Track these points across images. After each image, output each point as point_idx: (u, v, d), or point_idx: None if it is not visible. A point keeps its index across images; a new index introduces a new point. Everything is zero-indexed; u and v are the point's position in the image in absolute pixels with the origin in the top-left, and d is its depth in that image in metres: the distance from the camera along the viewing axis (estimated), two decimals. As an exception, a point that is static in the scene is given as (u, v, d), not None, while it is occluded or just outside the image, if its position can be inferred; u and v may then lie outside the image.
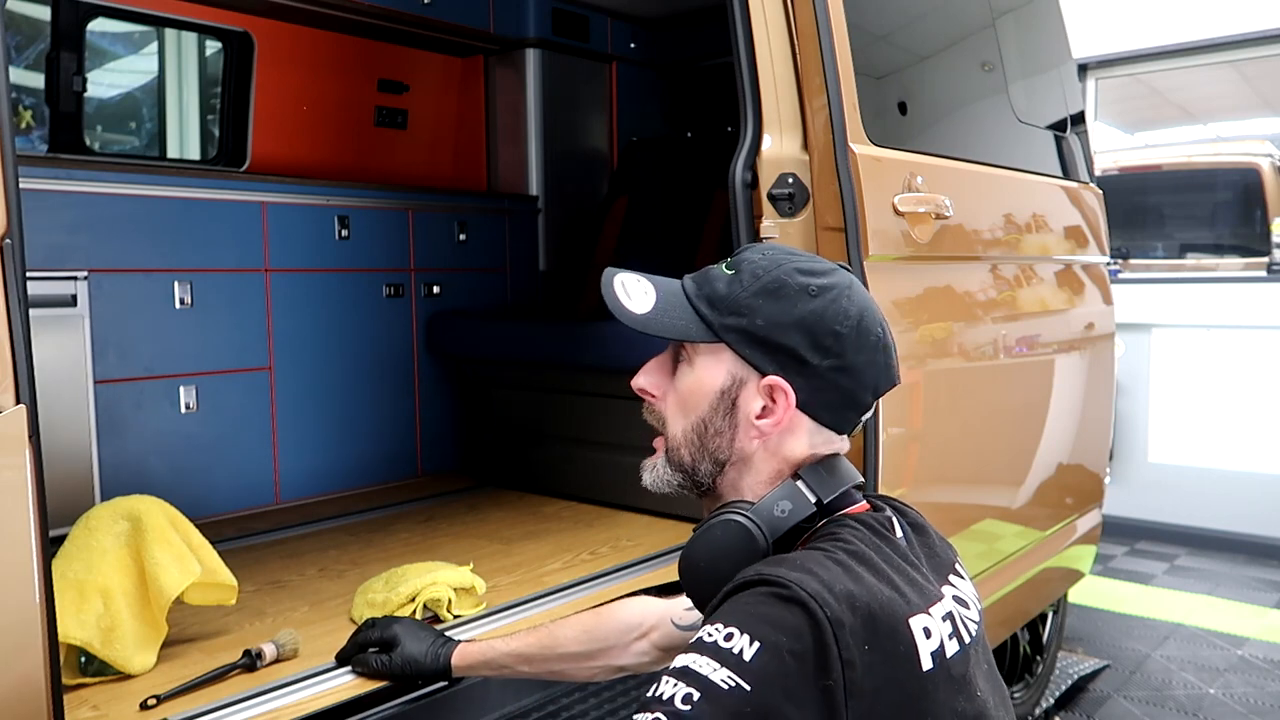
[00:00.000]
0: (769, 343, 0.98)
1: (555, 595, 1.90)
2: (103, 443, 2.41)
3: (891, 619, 0.86)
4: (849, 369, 0.99)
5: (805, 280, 0.99)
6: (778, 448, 1.01)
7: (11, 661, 1.02)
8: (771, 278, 0.99)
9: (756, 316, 0.99)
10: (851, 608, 0.84)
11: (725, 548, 0.96)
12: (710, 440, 1.02)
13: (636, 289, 1.04)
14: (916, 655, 0.87)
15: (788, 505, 0.98)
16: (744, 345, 0.99)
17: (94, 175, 2.42)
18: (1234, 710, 2.70)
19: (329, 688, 1.49)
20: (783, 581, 0.84)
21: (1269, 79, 6.42)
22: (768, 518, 0.97)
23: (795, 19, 1.70)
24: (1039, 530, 2.39)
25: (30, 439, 1.02)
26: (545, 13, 3.44)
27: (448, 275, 3.20)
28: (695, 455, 1.03)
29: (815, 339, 0.98)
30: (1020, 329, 2.21)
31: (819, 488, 0.99)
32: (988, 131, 2.31)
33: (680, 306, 1.03)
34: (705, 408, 1.02)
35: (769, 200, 1.67)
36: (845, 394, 1.00)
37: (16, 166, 1.03)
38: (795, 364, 0.98)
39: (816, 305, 0.98)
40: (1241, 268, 5.66)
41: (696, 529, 1.00)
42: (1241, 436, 4.18)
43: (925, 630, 0.89)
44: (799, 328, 0.98)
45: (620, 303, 1.02)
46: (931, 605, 0.92)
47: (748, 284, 1.00)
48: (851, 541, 0.93)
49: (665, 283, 1.06)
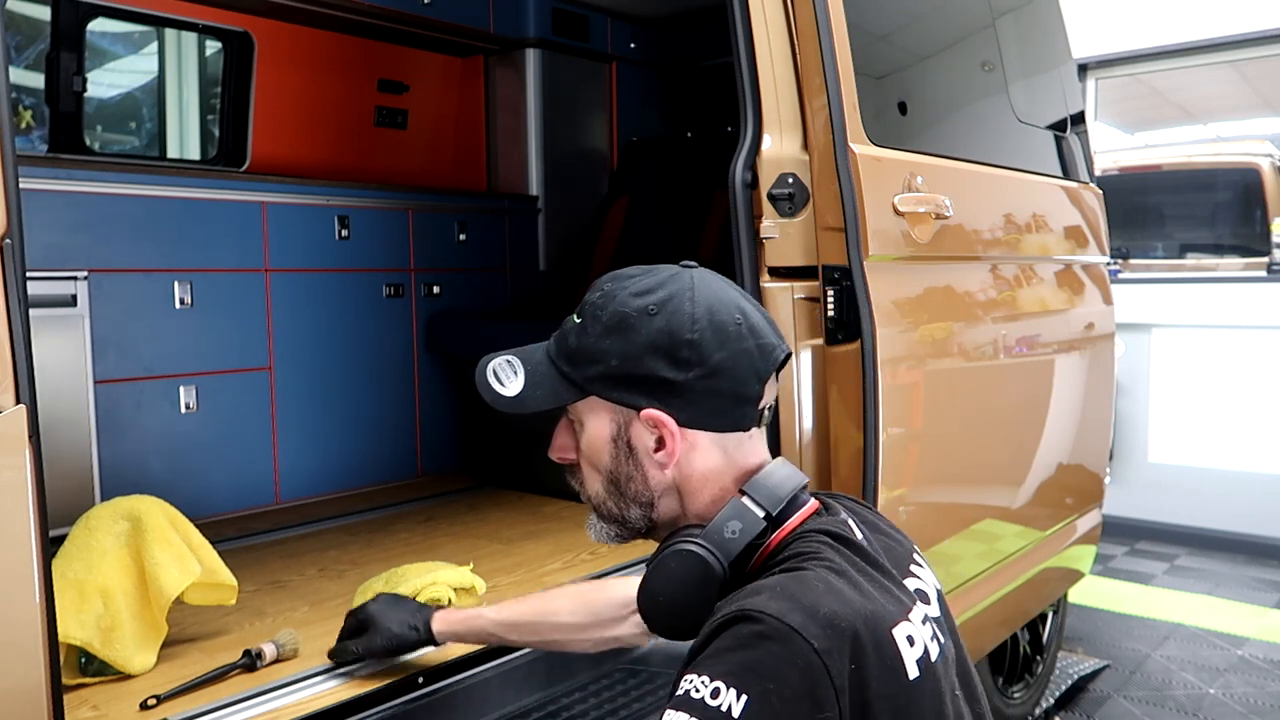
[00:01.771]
0: (631, 378, 0.97)
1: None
2: (103, 443, 2.41)
3: (876, 634, 0.85)
4: (718, 370, 0.97)
5: (642, 302, 0.98)
6: (694, 470, 0.99)
7: (11, 661, 1.02)
8: (610, 313, 0.98)
9: (610, 358, 0.98)
10: (837, 631, 0.82)
11: (683, 578, 0.95)
12: (625, 487, 1.02)
13: (506, 372, 1.05)
14: (903, 666, 0.86)
15: (737, 525, 0.95)
16: (610, 390, 0.99)
17: (94, 175, 2.42)
18: (1234, 710, 2.70)
19: (329, 688, 1.49)
20: (765, 616, 0.82)
21: (1269, 79, 6.42)
22: (719, 541, 0.95)
23: (795, 19, 1.70)
24: (1039, 530, 2.39)
25: (30, 439, 1.02)
26: (545, 13, 3.44)
27: (448, 275, 3.20)
28: (619, 505, 1.03)
29: (672, 356, 0.96)
30: (1020, 329, 2.21)
31: (766, 501, 0.97)
32: (988, 131, 2.31)
33: (545, 374, 1.03)
34: (608, 459, 1.02)
35: (769, 200, 1.67)
36: (727, 395, 0.98)
37: (16, 166, 1.03)
38: (664, 387, 0.97)
39: (660, 322, 0.96)
40: (1241, 268, 5.66)
41: (650, 562, 0.99)
42: (1241, 436, 4.18)
43: (909, 639, 0.88)
44: (652, 352, 0.96)
45: (495, 391, 1.04)
46: (910, 610, 0.91)
47: (592, 328, 0.99)
48: (822, 555, 0.91)
49: (533, 354, 1.06)
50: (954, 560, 2.03)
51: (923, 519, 1.92)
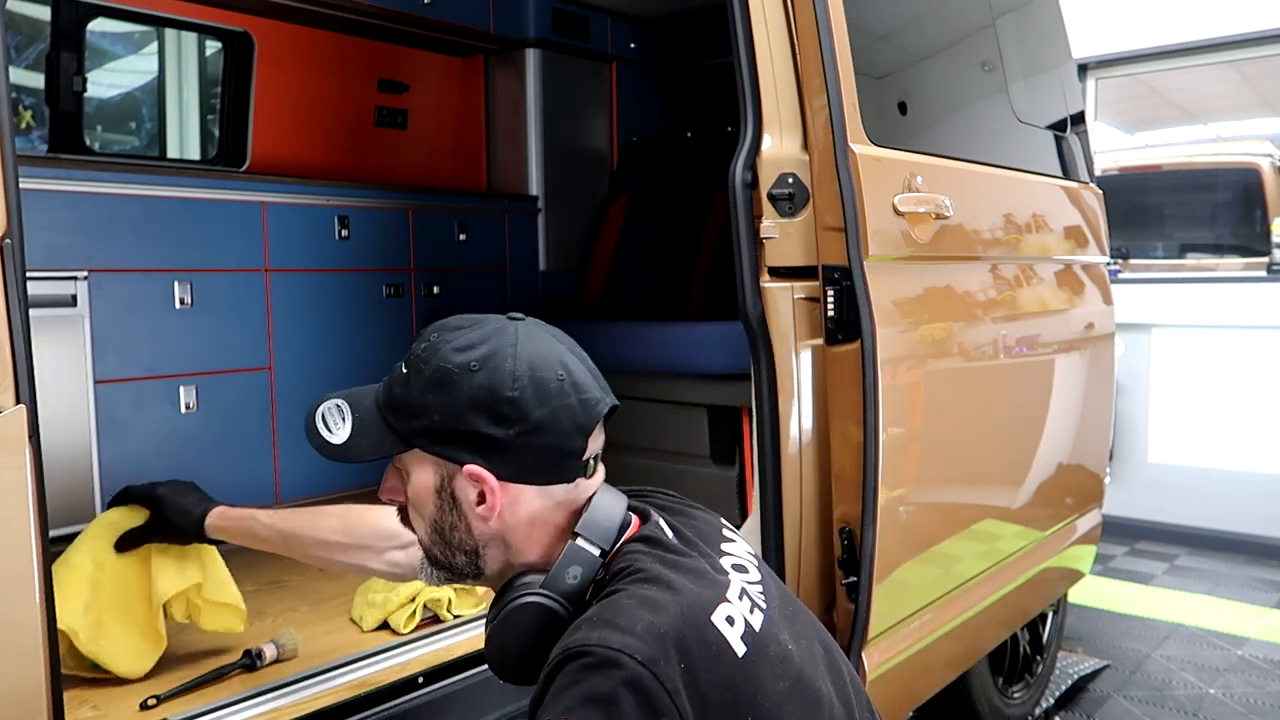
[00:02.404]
0: (452, 434, 0.98)
1: (555, 595, 1.90)
2: (103, 443, 2.41)
3: (696, 625, 0.87)
4: (539, 426, 0.97)
5: (464, 358, 0.98)
6: (518, 520, 1.00)
7: (11, 661, 1.02)
8: (432, 368, 0.99)
9: (433, 413, 0.98)
10: (658, 638, 0.84)
11: (532, 629, 0.97)
12: (450, 535, 1.02)
13: (335, 418, 1.06)
14: (729, 647, 0.88)
15: (577, 570, 0.97)
16: (432, 445, 1.00)
17: (94, 175, 2.42)
18: (1234, 710, 2.70)
19: (329, 688, 1.49)
20: (587, 648, 0.84)
21: (1269, 79, 6.42)
22: (562, 589, 0.97)
23: (795, 19, 1.70)
24: (1039, 530, 2.39)
25: (30, 439, 1.02)
26: (545, 13, 3.44)
27: (448, 275, 3.20)
28: (445, 552, 1.04)
29: (493, 413, 0.96)
30: (1020, 329, 2.21)
31: (599, 538, 0.98)
32: (988, 131, 2.31)
33: (373, 423, 1.04)
34: (432, 508, 1.02)
35: (769, 200, 1.67)
36: (548, 450, 0.98)
37: (16, 166, 1.03)
38: (485, 444, 0.97)
39: (481, 379, 0.97)
40: (1241, 268, 5.66)
41: (491, 617, 1.00)
42: (1241, 436, 4.18)
43: (728, 619, 0.90)
44: (473, 409, 0.97)
45: (321, 438, 1.05)
46: (726, 589, 0.94)
47: (415, 382, 1.00)
48: (635, 568, 0.94)
49: (362, 399, 1.07)
50: (954, 560, 2.03)
51: (923, 519, 1.92)
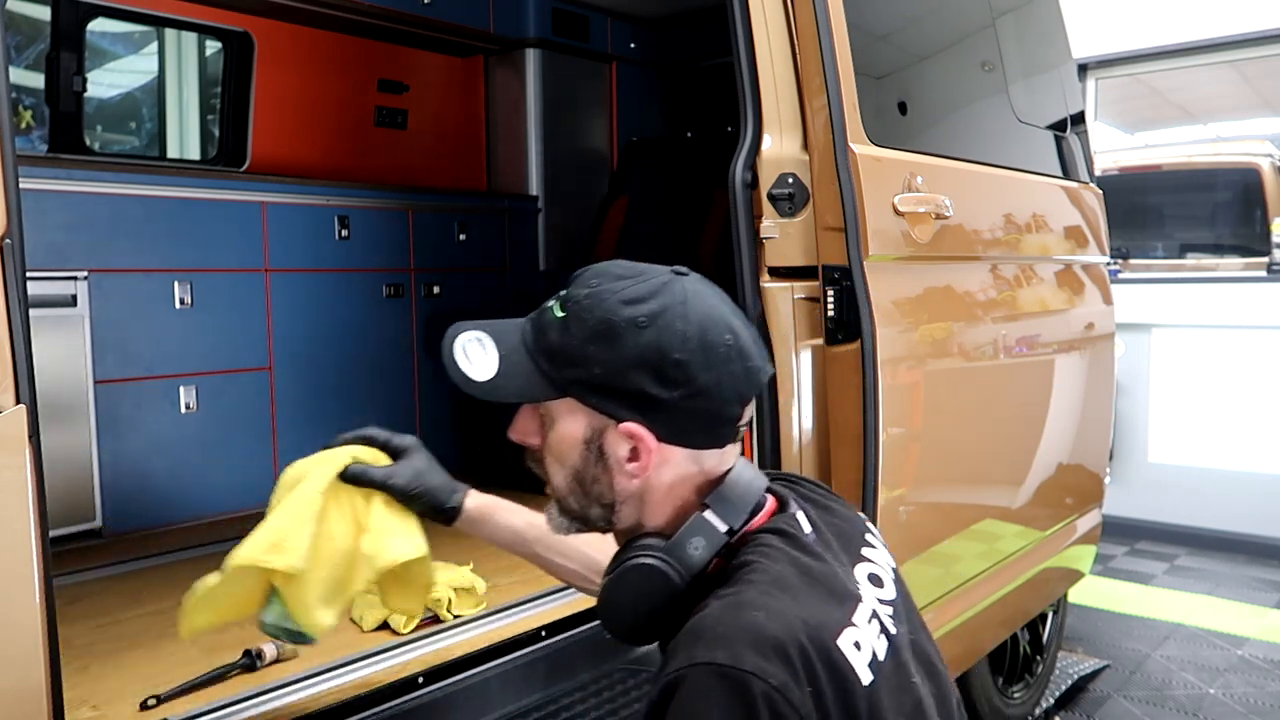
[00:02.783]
0: (613, 389, 0.94)
1: (555, 595, 1.90)
2: (103, 443, 2.41)
3: (823, 649, 0.84)
4: (703, 391, 0.93)
5: (632, 312, 0.93)
6: (661, 482, 0.97)
7: (11, 661, 1.02)
8: (598, 319, 0.94)
9: (593, 365, 0.94)
10: (788, 659, 0.81)
11: (644, 592, 0.94)
12: (590, 487, 0.99)
13: (477, 351, 1.01)
14: (855, 674, 0.85)
15: (701, 542, 0.94)
16: (589, 396, 0.95)
17: (94, 175, 2.42)
18: (1234, 710, 2.70)
19: (329, 688, 1.49)
20: (719, 666, 0.80)
21: (1269, 79, 6.42)
22: (681, 557, 0.94)
23: (795, 19, 1.70)
24: (1039, 530, 2.39)
25: (30, 439, 1.02)
26: (545, 13, 3.44)
27: (448, 275, 3.20)
28: (581, 502, 1.01)
29: (659, 373, 0.92)
30: (1020, 329, 2.21)
31: (728, 515, 0.95)
32: (988, 131, 2.31)
33: (521, 364, 0.99)
34: (576, 458, 0.99)
35: (769, 200, 1.68)
36: (708, 416, 0.95)
37: (16, 166, 1.03)
38: (646, 403, 0.93)
39: (649, 337, 0.92)
40: (1241, 268, 5.66)
41: (609, 573, 0.98)
42: (1241, 436, 4.18)
43: (855, 644, 0.87)
44: (637, 366, 0.92)
45: (461, 370, 1.00)
46: (854, 612, 0.89)
47: (576, 330, 0.95)
48: (764, 566, 0.90)
49: (506, 336, 1.01)
50: (954, 560, 2.03)
51: (923, 519, 1.92)
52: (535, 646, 1.70)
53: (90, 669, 1.61)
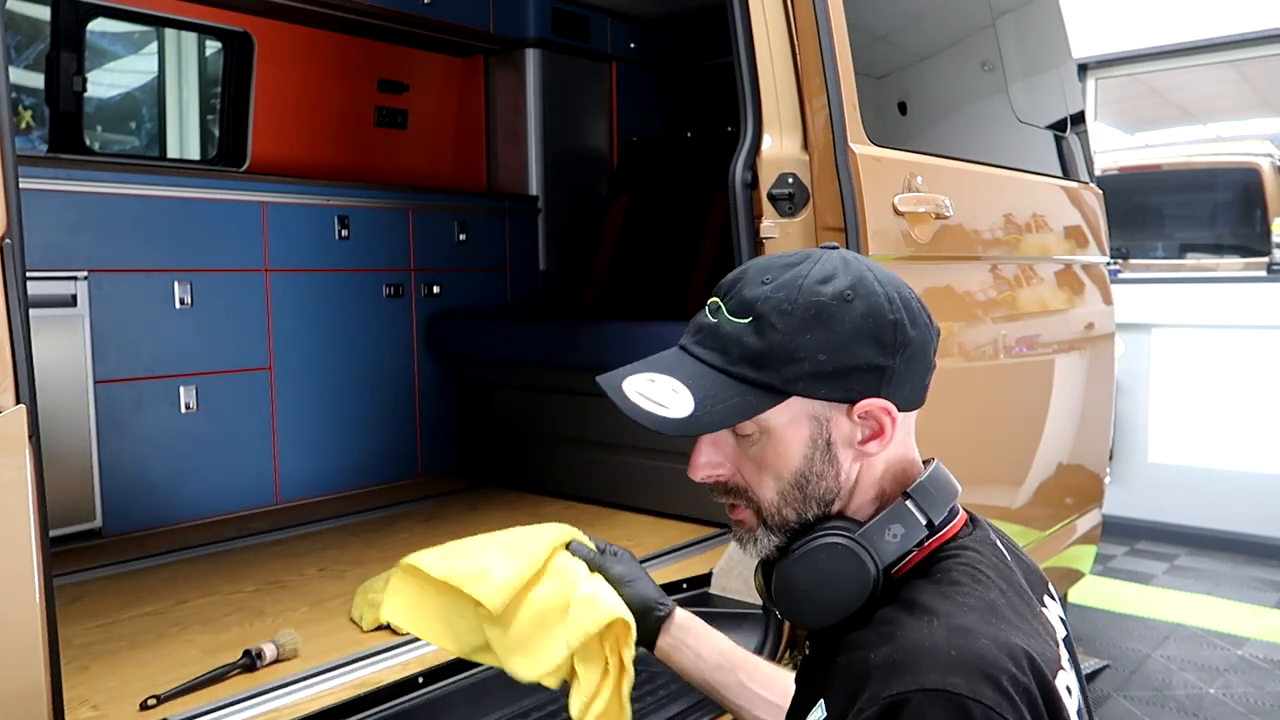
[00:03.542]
0: (841, 371, 0.88)
1: (555, 595, 1.90)
2: (103, 443, 2.41)
3: (1045, 687, 0.79)
4: (916, 349, 0.91)
5: (833, 289, 0.88)
6: (879, 460, 0.93)
7: (11, 661, 1.02)
8: (804, 305, 0.88)
9: (816, 353, 0.88)
10: (1020, 690, 0.76)
11: (834, 573, 0.89)
12: (814, 488, 0.92)
13: (658, 391, 0.91)
14: (1068, 718, 0.80)
15: (899, 530, 0.89)
16: (818, 387, 0.89)
17: (94, 175, 2.42)
18: (1234, 710, 2.70)
19: (329, 688, 1.49)
20: (953, 697, 0.74)
21: (1269, 79, 6.42)
22: (877, 542, 0.89)
23: (795, 19, 1.70)
24: (1039, 530, 2.39)
25: (30, 439, 1.02)
26: (545, 13, 3.44)
27: (448, 275, 3.20)
28: (801, 508, 0.93)
29: (878, 341, 0.88)
30: (1020, 329, 2.21)
31: (930, 507, 0.91)
32: (988, 131, 2.31)
33: (720, 384, 0.90)
34: (799, 461, 0.92)
35: (769, 200, 1.67)
36: (922, 372, 0.94)
37: (16, 166, 1.03)
38: (877, 375, 0.89)
39: (860, 307, 0.88)
40: (1241, 268, 5.66)
41: (795, 550, 0.92)
42: (1241, 436, 4.18)
43: (1068, 689, 0.82)
44: (859, 339, 0.88)
45: (657, 415, 0.89)
46: (1060, 653, 0.84)
47: (783, 325, 0.88)
48: (978, 590, 0.84)
49: (680, 365, 0.93)
50: (954, 560, 2.03)
51: (923, 519, 1.92)
52: (535, 646, 1.70)
53: (90, 669, 1.61)
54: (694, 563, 2.11)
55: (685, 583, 1.95)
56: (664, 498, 2.47)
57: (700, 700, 1.60)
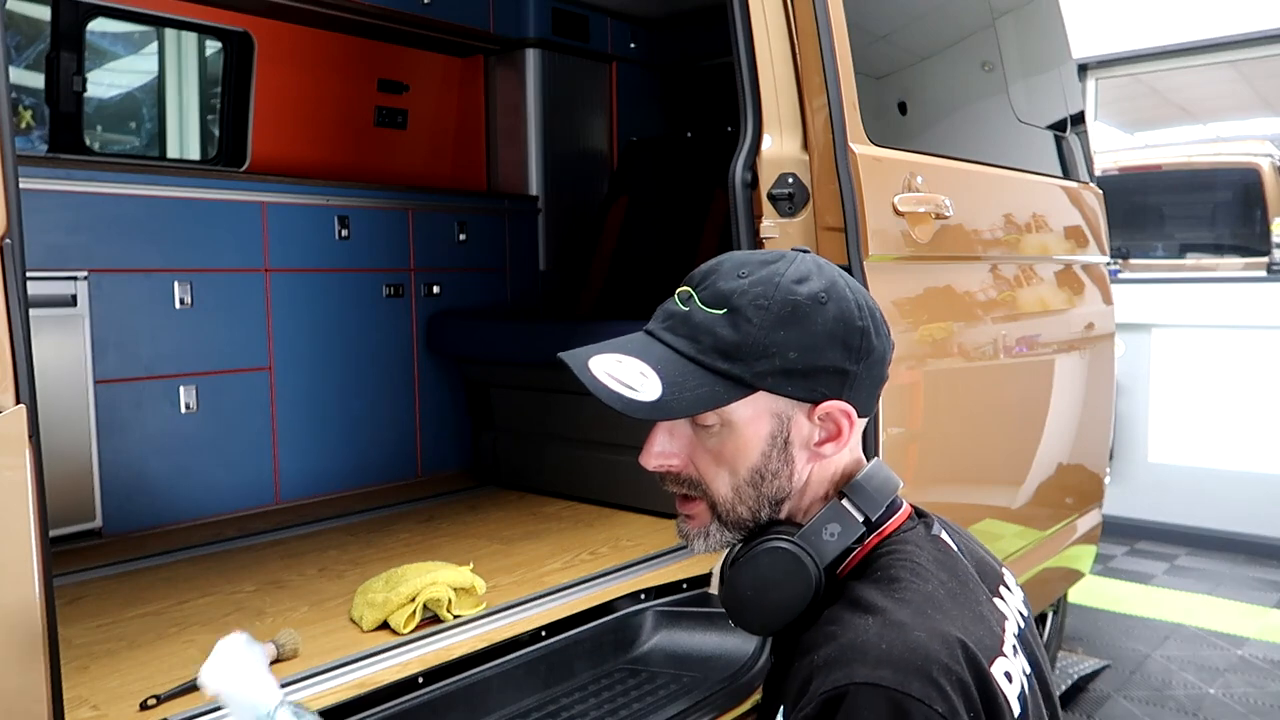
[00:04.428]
0: (810, 371, 0.90)
1: (555, 595, 1.90)
2: (103, 443, 2.41)
3: (980, 677, 0.80)
4: (877, 357, 0.93)
5: (808, 289, 0.90)
6: (829, 464, 0.95)
7: (12, 661, 1.02)
8: (778, 303, 0.89)
9: (787, 350, 0.89)
10: (954, 685, 0.78)
11: (775, 578, 0.90)
12: (768, 485, 0.94)
13: (625, 372, 0.91)
14: (1007, 706, 0.81)
15: (836, 529, 0.91)
16: (784, 384, 0.90)
17: (94, 175, 2.42)
18: (1234, 710, 2.70)
19: (329, 688, 1.49)
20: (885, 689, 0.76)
21: (1269, 79, 6.42)
22: (816, 543, 0.90)
23: (795, 19, 1.70)
24: (1039, 530, 2.39)
25: (30, 439, 1.02)
26: (545, 13, 3.44)
27: (448, 275, 3.20)
28: (754, 505, 0.94)
29: (846, 346, 0.90)
30: (1020, 329, 2.21)
31: (866, 504, 0.92)
32: (988, 131, 2.31)
33: (689, 372, 0.90)
34: (756, 457, 0.92)
35: (769, 200, 1.67)
36: (877, 381, 0.95)
37: (16, 166, 1.03)
38: (841, 378, 0.91)
39: (832, 311, 0.90)
40: (1241, 268, 5.66)
41: (737, 556, 0.94)
42: (1241, 436, 4.18)
43: (1006, 675, 0.83)
44: (829, 342, 0.90)
45: (622, 395, 0.89)
46: (1003, 639, 0.86)
47: (758, 320, 0.89)
48: (916, 583, 0.86)
49: (648, 351, 0.93)
50: (954, 560, 2.03)
51: (923, 519, 1.92)
52: (535, 646, 1.70)
53: (90, 669, 1.61)
54: (694, 563, 2.11)
55: (685, 583, 1.95)
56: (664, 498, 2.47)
57: (700, 700, 1.60)
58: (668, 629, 1.87)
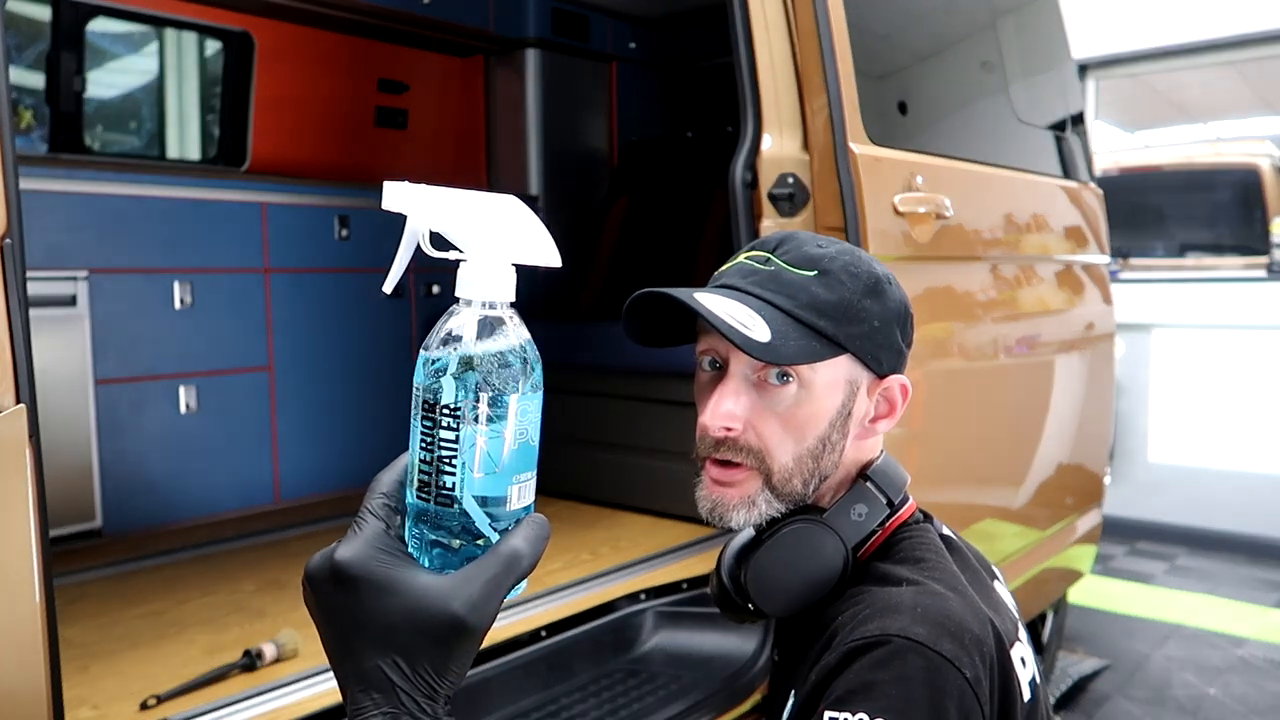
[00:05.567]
0: (884, 344, 0.92)
1: (555, 595, 1.90)
2: (103, 443, 2.41)
3: (1003, 656, 0.81)
4: (909, 350, 0.97)
5: (881, 269, 0.94)
6: (860, 447, 0.95)
7: (11, 661, 1.02)
8: (866, 274, 0.92)
9: (873, 319, 0.91)
10: (982, 655, 0.78)
11: (806, 557, 0.89)
12: (826, 458, 0.92)
13: (739, 311, 0.88)
14: (1020, 689, 0.82)
15: (863, 509, 0.91)
16: (868, 351, 0.91)
17: (94, 175, 2.42)
18: (1234, 710, 2.70)
19: (329, 688, 1.49)
20: (916, 645, 0.76)
21: (1269, 79, 6.42)
22: (844, 524, 0.90)
23: (795, 19, 1.70)
24: (1039, 530, 2.39)
25: (30, 439, 1.02)
26: (545, 13, 3.44)
27: (448, 275, 3.19)
28: (808, 478, 0.91)
29: (905, 328, 0.95)
30: (1020, 329, 2.21)
31: (889, 488, 0.93)
32: (988, 131, 2.31)
33: (789, 325, 0.88)
34: (824, 426, 0.90)
35: (769, 200, 1.67)
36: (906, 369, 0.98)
37: (16, 166, 1.03)
38: (899, 357, 0.95)
39: (897, 294, 0.94)
40: (1241, 268, 5.66)
41: (764, 536, 0.91)
42: (1241, 436, 4.18)
43: (1021, 659, 0.84)
44: (897, 320, 0.94)
45: (743, 333, 0.85)
46: (1018, 627, 0.88)
47: (851, 285, 0.90)
48: (937, 561, 0.88)
49: (743, 300, 0.90)
50: (954, 560, 2.03)
51: (923, 519, 1.92)
52: (535, 646, 1.70)
53: (90, 669, 1.61)
54: (694, 563, 2.11)
55: (685, 583, 1.95)
56: (664, 498, 2.47)
57: (700, 700, 1.60)
58: (668, 629, 1.87)
